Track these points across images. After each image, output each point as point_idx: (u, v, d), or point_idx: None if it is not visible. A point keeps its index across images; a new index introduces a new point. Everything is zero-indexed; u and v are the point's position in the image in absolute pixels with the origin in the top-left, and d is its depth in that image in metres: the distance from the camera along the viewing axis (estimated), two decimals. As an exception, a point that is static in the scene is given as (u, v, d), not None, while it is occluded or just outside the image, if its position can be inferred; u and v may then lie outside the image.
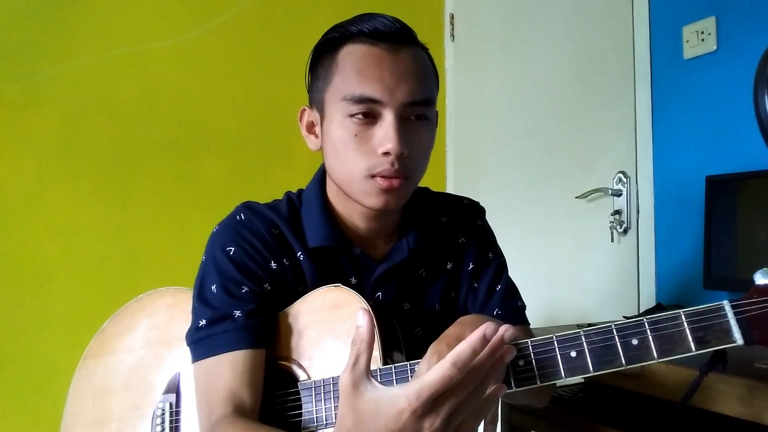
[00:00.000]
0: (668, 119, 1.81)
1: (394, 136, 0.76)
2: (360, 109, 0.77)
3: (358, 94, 0.77)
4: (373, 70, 0.77)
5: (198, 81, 1.80)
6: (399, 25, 0.80)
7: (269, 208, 0.88)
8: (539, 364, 0.66)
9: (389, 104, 0.77)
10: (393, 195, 0.80)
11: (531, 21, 2.07)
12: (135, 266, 1.69)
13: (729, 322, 0.62)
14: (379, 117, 0.78)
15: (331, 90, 0.80)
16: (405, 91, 0.77)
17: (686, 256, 1.73)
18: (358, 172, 0.79)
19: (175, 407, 0.86)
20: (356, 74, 0.77)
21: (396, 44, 0.79)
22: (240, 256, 0.82)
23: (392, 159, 0.77)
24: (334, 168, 0.83)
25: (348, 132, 0.78)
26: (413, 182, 0.83)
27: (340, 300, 0.80)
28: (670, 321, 0.63)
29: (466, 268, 0.94)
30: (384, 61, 0.78)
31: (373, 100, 0.77)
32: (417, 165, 0.81)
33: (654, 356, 0.63)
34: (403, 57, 0.79)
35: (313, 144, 0.88)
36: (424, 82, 0.80)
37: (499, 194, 2.01)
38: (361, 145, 0.78)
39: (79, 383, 0.93)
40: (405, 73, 0.78)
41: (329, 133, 0.81)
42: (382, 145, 0.77)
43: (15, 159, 1.59)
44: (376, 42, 0.78)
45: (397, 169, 0.78)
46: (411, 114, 0.79)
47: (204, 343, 0.79)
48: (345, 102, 0.78)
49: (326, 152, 0.84)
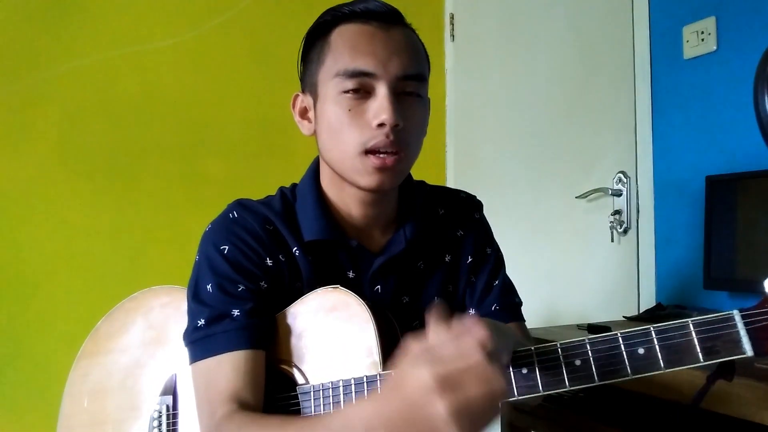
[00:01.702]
0: (668, 119, 1.81)
1: (388, 107, 0.77)
2: (354, 83, 0.78)
3: (351, 69, 0.78)
4: (365, 45, 0.78)
5: (198, 81, 1.80)
6: (390, 7, 0.82)
7: (262, 204, 0.88)
8: (542, 373, 0.65)
9: (382, 77, 0.78)
10: (387, 173, 0.80)
11: (531, 21, 2.07)
12: (135, 266, 1.69)
13: (739, 333, 0.59)
14: (373, 91, 0.79)
15: (324, 70, 0.81)
16: (397, 65, 0.78)
17: (686, 256, 1.73)
18: (352, 148, 0.79)
19: (172, 409, 0.85)
20: (349, 50, 0.79)
21: (387, 22, 0.80)
22: (234, 255, 0.82)
23: (387, 131, 0.77)
24: (327, 147, 0.83)
25: (342, 108, 0.79)
26: (407, 161, 0.83)
27: (339, 302, 0.79)
28: (677, 330, 0.61)
29: (464, 261, 0.94)
30: (376, 36, 0.79)
31: (366, 73, 0.78)
32: (412, 140, 0.82)
33: (661, 366, 0.62)
34: (395, 33, 0.80)
35: (306, 129, 0.88)
36: (415, 58, 0.81)
37: (499, 194, 2.00)
38: (355, 120, 0.78)
39: (74, 383, 0.92)
40: (397, 47, 0.79)
41: (323, 112, 0.82)
42: (376, 117, 0.77)
43: (15, 159, 1.59)
44: (368, 20, 0.80)
45: (392, 141, 0.78)
46: (404, 88, 0.80)
47: (203, 343, 0.78)
48: (338, 78, 0.79)
49: (320, 133, 0.84)
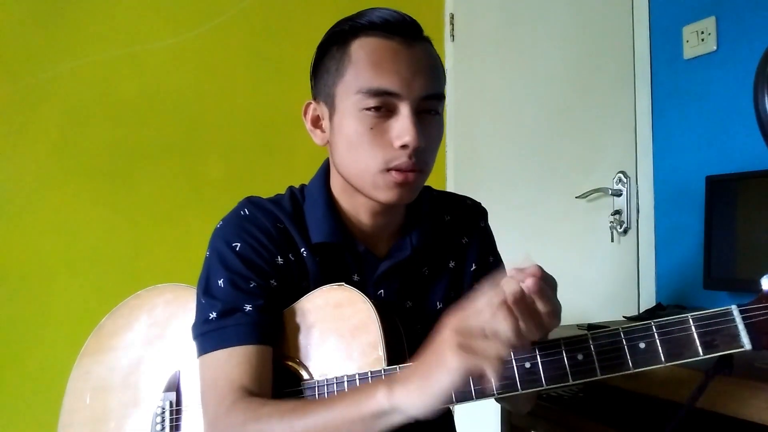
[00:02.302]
0: (668, 119, 1.81)
1: (412, 129, 0.77)
2: (376, 101, 0.78)
3: (375, 87, 0.77)
4: (389, 63, 0.78)
5: (198, 81, 1.80)
6: (409, 18, 0.81)
7: (272, 202, 0.88)
8: (545, 367, 0.66)
9: (406, 97, 0.77)
10: (407, 189, 0.81)
11: (531, 21, 2.08)
12: (135, 266, 1.69)
13: (737, 327, 0.61)
14: (395, 110, 0.78)
15: (343, 83, 0.80)
16: (421, 85, 0.78)
17: (686, 256, 1.73)
18: (373, 166, 0.79)
19: (175, 405, 0.86)
20: (372, 67, 0.78)
21: (409, 38, 0.80)
22: (246, 251, 0.82)
23: (410, 152, 0.78)
24: (345, 162, 0.82)
25: (363, 125, 0.78)
26: (425, 176, 0.84)
27: (344, 299, 0.80)
28: (677, 325, 0.63)
29: (468, 268, 0.94)
30: (400, 54, 0.78)
31: (390, 93, 0.77)
32: (429, 159, 0.82)
33: (661, 360, 0.63)
34: (417, 51, 0.80)
35: (319, 138, 0.87)
36: (437, 77, 0.81)
37: (499, 194, 2.01)
38: (377, 138, 0.78)
39: (77, 381, 0.92)
40: (420, 67, 0.79)
41: (341, 127, 0.81)
42: (399, 138, 0.77)
43: (15, 159, 1.59)
44: (390, 35, 0.79)
45: (414, 162, 0.78)
46: (425, 107, 0.80)
47: (213, 336, 0.78)
48: (360, 95, 0.78)
49: (336, 146, 0.83)
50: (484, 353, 0.58)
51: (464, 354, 0.58)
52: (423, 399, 0.60)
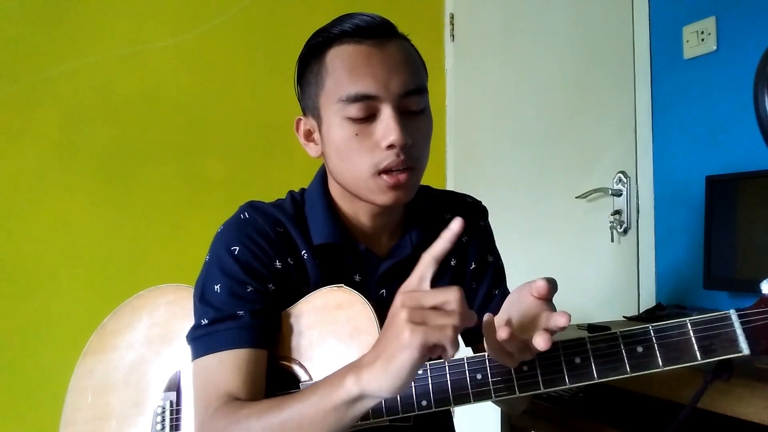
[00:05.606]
0: (668, 119, 1.81)
1: (395, 127, 0.77)
2: (357, 107, 0.78)
3: (353, 93, 0.78)
4: (363, 68, 0.78)
5: (198, 81, 1.80)
6: (379, 19, 0.81)
7: (274, 206, 0.89)
8: (543, 370, 0.66)
9: (385, 98, 0.78)
10: (401, 190, 0.81)
11: (531, 21, 2.08)
12: (135, 266, 1.69)
13: (735, 332, 0.61)
14: (377, 113, 0.79)
15: (325, 94, 0.81)
16: (398, 83, 0.78)
17: (686, 256, 1.73)
18: (364, 170, 0.79)
19: (175, 405, 0.86)
20: (348, 74, 0.78)
21: (380, 38, 0.80)
22: (245, 256, 0.82)
23: (397, 151, 0.78)
24: (339, 170, 0.83)
25: (348, 132, 0.79)
26: (419, 173, 0.84)
27: (343, 301, 0.80)
28: (675, 329, 0.63)
29: (468, 267, 0.95)
30: (373, 56, 0.78)
31: (368, 96, 0.78)
32: (420, 154, 0.82)
33: (659, 364, 0.63)
34: (390, 49, 0.80)
35: (313, 151, 0.88)
36: (414, 71, 0.81)
37: (499, 194, 2.01)
38: (364, 143, 0.79)
39: (79, 379, 0.93)
40: (395, 64, 0.79)
41: (329, 136, 0.82)
42: (385, 138, 0.78)
43: (15, 159, 1.59)
44: (361, 39, 0.79)
45: (404, 160, 0.79)
46: (407, 104, 0.80)
47: (205, 341, 0.79)
48: (341, 103, 0.78)
49: (329, 156, 0.84)
50: (436, 324, 0.58)
51: (418, 328, 0.57)
52: (389, 380, 0.59)
